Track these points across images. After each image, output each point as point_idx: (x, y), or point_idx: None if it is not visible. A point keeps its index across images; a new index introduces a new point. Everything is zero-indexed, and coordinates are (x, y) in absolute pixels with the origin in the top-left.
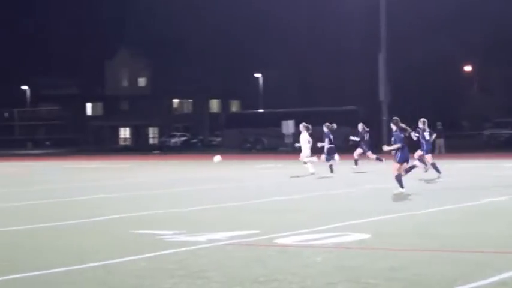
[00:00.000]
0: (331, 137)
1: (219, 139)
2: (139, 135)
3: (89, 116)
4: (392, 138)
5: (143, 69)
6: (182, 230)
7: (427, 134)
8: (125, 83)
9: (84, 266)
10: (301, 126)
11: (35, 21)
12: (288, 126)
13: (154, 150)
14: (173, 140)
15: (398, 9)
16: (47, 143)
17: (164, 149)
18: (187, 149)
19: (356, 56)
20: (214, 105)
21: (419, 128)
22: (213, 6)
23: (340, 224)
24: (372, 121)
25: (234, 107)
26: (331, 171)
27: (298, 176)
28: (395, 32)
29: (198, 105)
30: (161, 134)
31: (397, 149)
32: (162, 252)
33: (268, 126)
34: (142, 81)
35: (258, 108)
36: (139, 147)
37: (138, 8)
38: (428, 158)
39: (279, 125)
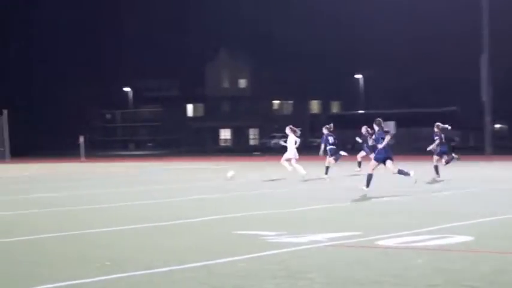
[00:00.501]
0: (331, 138)
1: (319, 140)
2: (239, 136)
3: (190, 117)
4: (373, 137)
5: (243, 71)
6: (283, 231)
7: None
8: (226, 84)
9: (185, 266)
10: (287, 128)
11: (137, 24)
12: (389, 127)
13: (255, 151)
14: (273, 141)
15: (500, 7)
16: (149, 144)
17: (264, 150)
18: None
19: (456, 56)
20: (315, 106)
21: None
22: (314, 8)
23: (442, 226)
24: (473, 122)
25: (335, 108)
26: (326, 172)
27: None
28: (497, 32)
29: (298, 106)
30: (261, 135)
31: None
32: (264, 253)
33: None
34: (242, 83)
35: (358, 109)
36: (239, 149)
37: (238, 10)
38: None
39: None
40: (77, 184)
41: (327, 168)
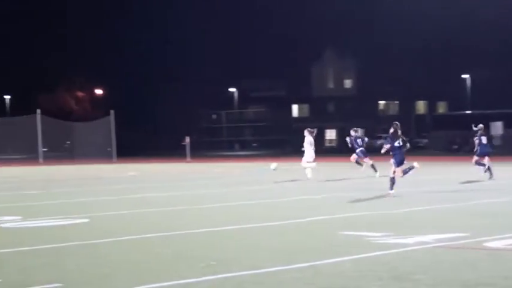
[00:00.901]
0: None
1: (425, 141)
2: (344, 137)
3: (295, 117)
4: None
5: (349, 71)
6: (390, 232)
7: (484, 138)
8: (331, 85)
9: (291, 266)
10: (306, 131)
11: (246, 25)
12: (496, 127)
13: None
14: (379, 142)
15: None
16: (254, 144)
17: (370, 151)
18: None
19: None
20: (421, 106)
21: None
22: (419, 7)
23: None
24: None
25: (441, 108)
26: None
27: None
28: None
29: (404, 106)
30: (367, 136)
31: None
32: (370, 254)
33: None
34: (348, 83)
35: (465, 110)
36: (344, 149)
37: (342, 11)
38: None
39: (488, 127)
40: (182, 184)
41: (372, 166)
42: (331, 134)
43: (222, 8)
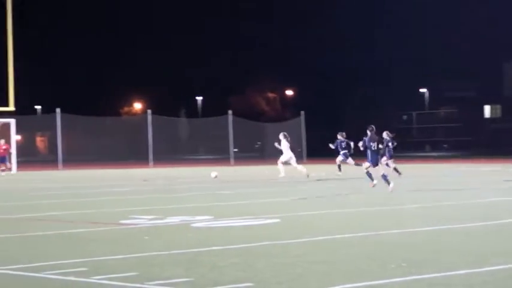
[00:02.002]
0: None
1: None
2: None
3: (487, 118)
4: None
5: None
6: None
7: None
8: None
9: (484, 269)
10: (281, 135)
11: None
12: None
13: None
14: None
15: None
16: (445, 145)
17: None
18: None
19: None
20: None
21: None
22: None
23: None
24: None
25: None
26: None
27: None
28: None
29: None
30: None
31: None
32: None
33: None
34: None
35: None
36: None
37: None
38: None
39: None
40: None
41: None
42: None
43: (410, 7)
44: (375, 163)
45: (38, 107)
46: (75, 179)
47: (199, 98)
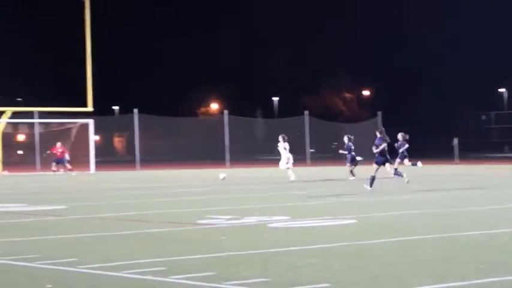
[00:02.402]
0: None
1: None
2: None
3: None
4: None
5: None
6: None
7: None
8: None
9: None
10: (280, 136)
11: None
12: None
13: None
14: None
15: None
16: None
17: None
18: None
19: None
20: None
21: None
22: None
23: None
24: None
25: None
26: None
27: None
28: None
29: None
30: None
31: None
32: None
33: None
34: None
35: None
36: None
37: None
38: None
39: None
40: (449, 185)
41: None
42: None
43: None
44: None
45: (116, 108)
46: (153, 179)
47: (275, 99)
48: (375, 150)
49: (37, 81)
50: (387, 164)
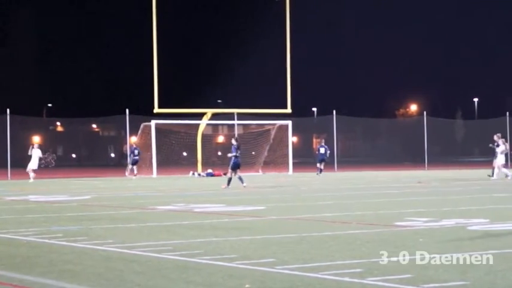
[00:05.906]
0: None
1: None
2: None
3: None
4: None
5: None
6: None
7: None
8: None
9: None
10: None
11: None
12: None
13: None
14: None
15: None
16: None
17: None
18: None
19: None
20: None
21: None
22: None
23: None
24: None
25: None
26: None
27: None
28: None
29: None
30: None
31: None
32: None
33: None
34: None
35: None
36: None
37: None
38: None
39: None
40: None
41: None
42: None
43: None
44: None
45: (314, 109)
46: (351, 180)
47: (475, 100)
48: None
49: (238, 82)
50: None
